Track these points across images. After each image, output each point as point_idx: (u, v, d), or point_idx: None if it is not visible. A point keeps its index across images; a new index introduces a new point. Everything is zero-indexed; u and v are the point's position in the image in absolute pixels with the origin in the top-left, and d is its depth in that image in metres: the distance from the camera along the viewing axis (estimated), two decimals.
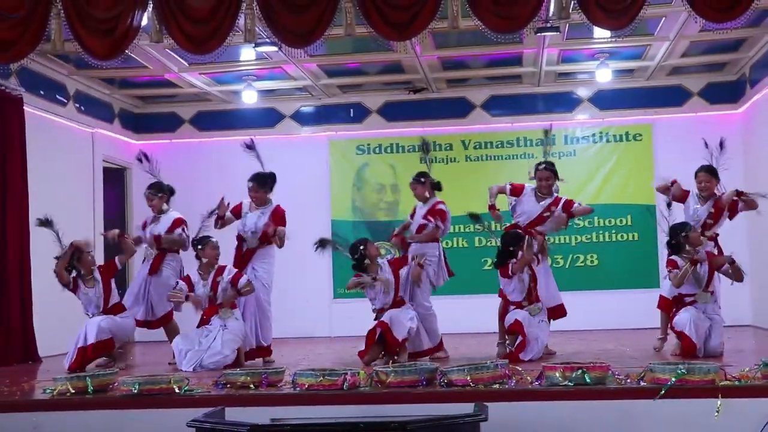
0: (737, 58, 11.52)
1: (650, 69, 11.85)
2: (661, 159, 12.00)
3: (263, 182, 8.95)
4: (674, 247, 8.19)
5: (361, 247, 8.41)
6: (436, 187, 8.92)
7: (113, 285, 8.73)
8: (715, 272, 8.09)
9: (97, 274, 8.64)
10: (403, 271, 8.52)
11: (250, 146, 9.07)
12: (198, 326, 8.40)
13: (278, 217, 8.93)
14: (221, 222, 8.88)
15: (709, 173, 8.56)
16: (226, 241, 8.93)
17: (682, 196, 8.66)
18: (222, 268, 8.45)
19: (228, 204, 8.88)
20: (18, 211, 9.66)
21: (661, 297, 8.62)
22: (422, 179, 8.89)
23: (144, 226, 9.35)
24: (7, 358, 9.29)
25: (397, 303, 8.30)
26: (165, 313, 9.19)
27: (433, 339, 8.62)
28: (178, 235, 9.09)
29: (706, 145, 8.80)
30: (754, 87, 11.45)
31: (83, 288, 8.59)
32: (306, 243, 12.44)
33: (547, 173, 8.74)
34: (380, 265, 8.38)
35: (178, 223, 9.19)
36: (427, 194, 8.86)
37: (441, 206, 8.81)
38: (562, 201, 8.75)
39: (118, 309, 8.68)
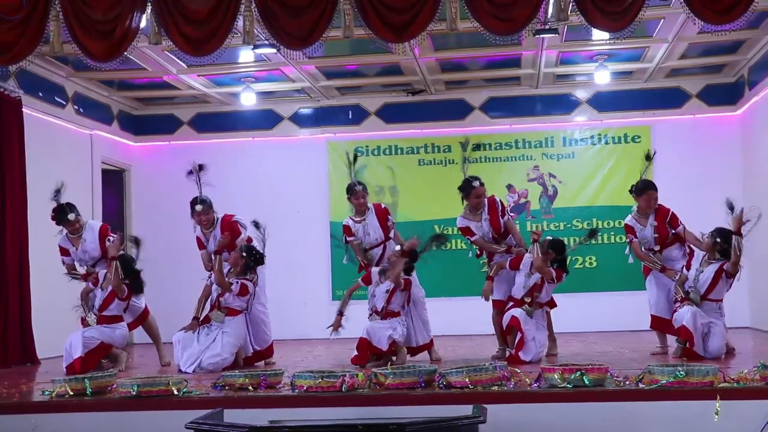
0: (736, 60, 11.53)
1: (649, 71, 11.86)
2: (660, 161, 11.99)
3: (210, 204, 8.86)
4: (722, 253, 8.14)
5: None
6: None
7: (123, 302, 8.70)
8: (722, 282, 8.06)
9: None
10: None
11: (192, 171, 8.90)
12: (202, 324, 8.41)
13: (228, 225, 8.84)
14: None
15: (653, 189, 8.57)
16: None
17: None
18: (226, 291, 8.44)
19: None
20: (17, 212, 9.67)
21: (653, 317, 8.64)
22: None
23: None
24: (5, 360, 9.30)
25: (387, 314, 8.27)
26: (140, 312, 9.17)
27: (427, 332, 8.66)
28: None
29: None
30: (753, 89, 11.45)
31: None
32: (304, 244, 12.55)
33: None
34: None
35: None
36: None
37: None
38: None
39: (112, 320, 8.63)
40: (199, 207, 8.77)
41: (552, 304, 8.56)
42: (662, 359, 8.00)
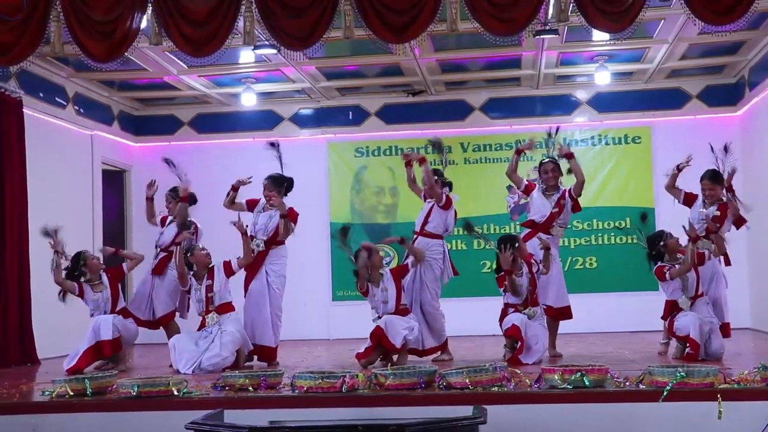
0: (736, 61, 11.53)
1: (649, 71, 11.86)
2: (660, 161, 11.99)
3: (279, 183, 8.90)
4: (655, 257, 8.23)
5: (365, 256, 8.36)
6: (447, 185, 8.89)
7: (119, 290, 8.73)
8: (713, 278, 8.08)
9: (105, 279, 8.64)
10: (407, 278, 8.50)
11: (274, 145, 9.01)
12: (198, 329, 8.39)
13: (291, 216, 8.90)
14: (232, 195, 8.88)
15: (712, 180, 8.56)
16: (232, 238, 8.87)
17: (689, 200, 8.66)
18: (212, 271, 8.44)
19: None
20: (17, 213, 9.67)
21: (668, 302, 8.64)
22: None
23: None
24: (5, 360, 9.29)
25: (401, 311, 8.26)
26: (165, 313, 9.22)
27: (436, 338, 8.62)
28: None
29: (712, 149, 8.79)
30: (753, 90, 11.46)
31: (91, 293, 8.58)
32: (305, 245, 12.51)
33: (551, 165, 8.69)
34: (383, 274, 8.34)
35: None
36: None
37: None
38: (567, 192, 8.70)
39: (125, 314, 8.69)
40: (265, 182, 8.89)
41: (564, 314, 8.54)
42: (664, 360, 7.99)
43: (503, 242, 8.22)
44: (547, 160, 8.82)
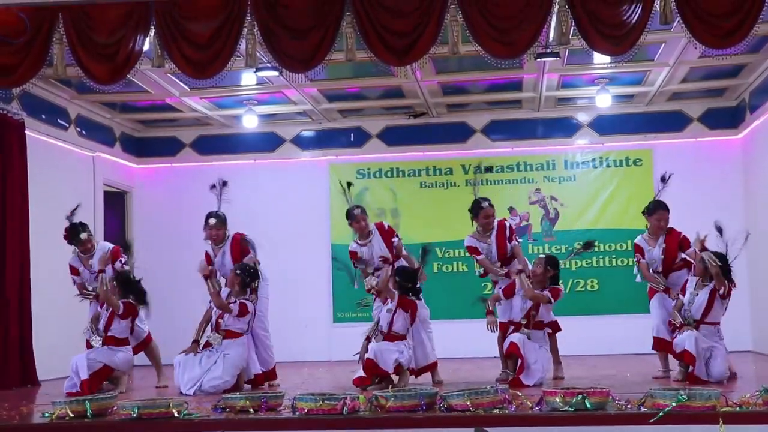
0: (737, 84, 11.56)
1: (650, 94, 11.89)
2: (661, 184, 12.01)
3: (225, 220, 8.94)
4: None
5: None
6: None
7: (126, 322, 8.68)
8: (717, 304, 8.05)
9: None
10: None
11: (215, 186, 9.01)
12: (203, 347, 8.40)
13: (237, 244, 8.89)
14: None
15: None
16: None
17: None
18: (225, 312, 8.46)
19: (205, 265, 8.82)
20: (18, 234, 9.67)
21: (655, 339, 8.64)
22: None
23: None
24: (5, 382, 9.27)
25: (392, 336, 8.25)
26: (143, 337, 9.17)
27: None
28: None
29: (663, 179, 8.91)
30: (754, 113, 11.48)
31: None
32: (306, 266, 12.54)
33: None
34: (394, 292, 8.37)
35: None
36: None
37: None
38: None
39: (118, 342, 8.64)
40: (212, 221, 8.85)
41: (556, 327, 8.54)
42: (664, 383, 7.97)
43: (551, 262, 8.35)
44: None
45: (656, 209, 8.68)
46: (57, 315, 10.09)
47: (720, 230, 8.13)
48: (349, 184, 9.28)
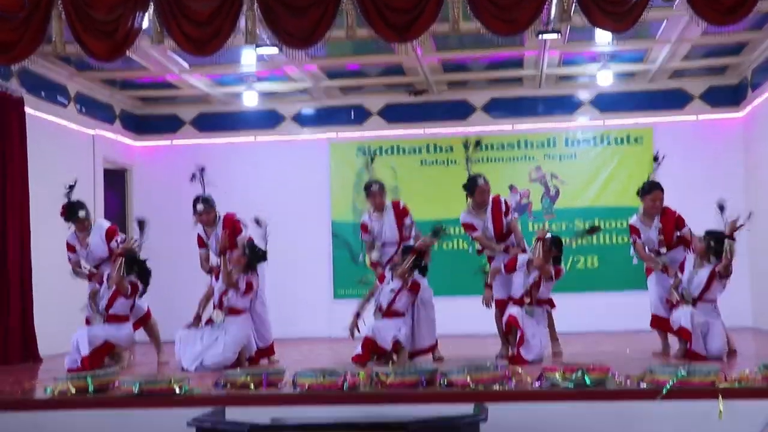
0: (739, 62, 11.53)
1: (651, 72, 11.86)
2: (662, 162, 12.00)
3: (212, 202, 8.96)
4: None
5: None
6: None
7: (129, 300, 8.70)
8: (716, 283, 8.06)
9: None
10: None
11: (194, 176, 8.98)
12: (205, 324, 8.43)
13: (229, 223, 8.92)
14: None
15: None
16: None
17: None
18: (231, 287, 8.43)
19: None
20: (18, 212, 9.68)
21: (653, 316, 8.67)
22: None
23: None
24: (7, 358, 9.31)
25: (391, 313, 8.28)
26: (142, 314, 9.20)
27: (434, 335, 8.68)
28: None
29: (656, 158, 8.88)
30: (756, 90, 11.45)
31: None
32: (306, 243, 12.55)
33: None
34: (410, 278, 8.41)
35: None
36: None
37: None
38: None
39: (119, 319, 8.66)
40: (200, 206, 8.90)
41: (551, 303, 8.55)
42: (664, 359, 8.00)
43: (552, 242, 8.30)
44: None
45: (651, 189, 8.61)
46: (58, 291, 10.10)
47: (722, 208, 8.12)
48: (373, 158, 9.37)
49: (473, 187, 8.63)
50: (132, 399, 5.97)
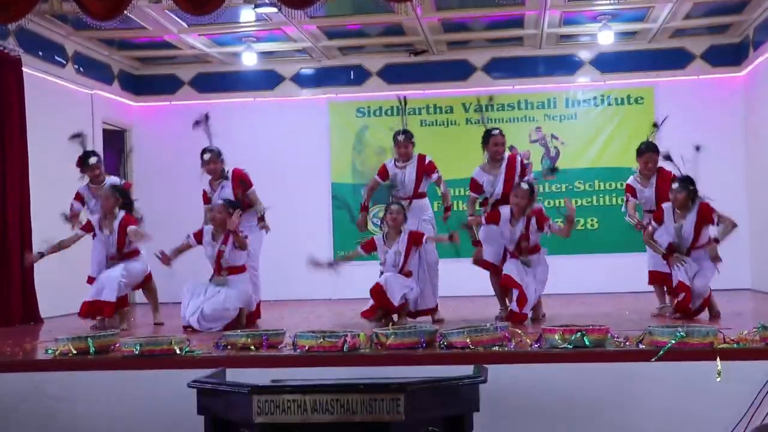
0: (740, 20, 11.44)
1: (652, 31, 11.77)
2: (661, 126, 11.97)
3: (219, 153, 8.89)
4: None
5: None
6: None
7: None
8: (704, 231, 8.02)
9: (116, 224, 8.58)
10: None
11: (199, 122, 8.92)
12: (210, 279, 8.44)
13: (237, 178, 8.87)
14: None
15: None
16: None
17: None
18: (228, 235, 8.40)
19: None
20: (18, 172, 9.66)
21: (650, 273, 8.70)
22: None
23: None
24: (9, 319, 9.34)
25: (405, 274, 8.30)
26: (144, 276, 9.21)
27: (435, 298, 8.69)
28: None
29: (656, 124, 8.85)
30: (758, 49, 11.38)
31: (100, 234, 8.60)
32: (306, 205, 12.55)
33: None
34: (401, 232, 8.35)
35: None
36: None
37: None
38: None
39: (132, 254, 8.69)
40: (207, 155, 8.82)
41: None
42: (663, 321, 8.03)
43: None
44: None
45: (645, 151, 8.65)
46: (59, 253, 10.11)
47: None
48: (405, 101, 9.21)
49: (487, 137, 8.46)
50: (133, 360, 5.98)
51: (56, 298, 9.92)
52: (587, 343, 5.69)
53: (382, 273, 8.33)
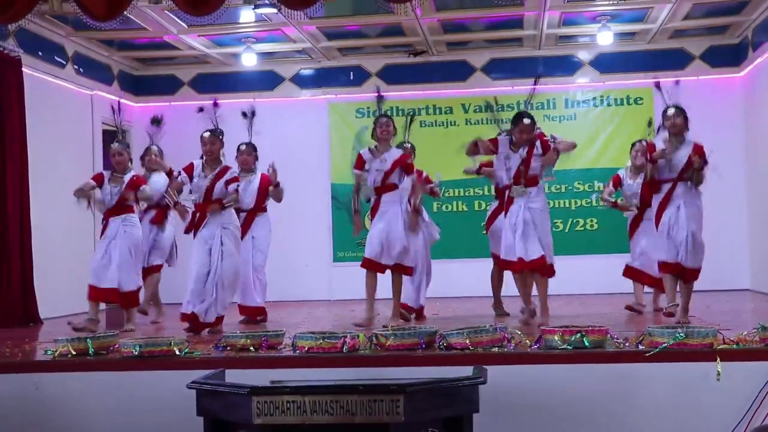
0: (739, 21, 11.44)
1: (652, 32, 11.77)
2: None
3: (255, 148, 9.06)
4: None
5: None
6: None
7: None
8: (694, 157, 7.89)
9: (126, 178, 8.58)
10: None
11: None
12: (192, 229, 8.14)
13: (266, 183, 8.99)
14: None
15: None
16: None
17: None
18: (225, 170, 8.20)
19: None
20: (18, 172, 9.65)
21: (627, 267, 9.03)
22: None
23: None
24: (8, 320, 9.33)
25: (390, 187, 8.25)
26: (156, 264, 9.22)
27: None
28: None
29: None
30: (757, 50, 11.38)
31: (108, 187, 8.54)
32: (306, 206, 12.55)
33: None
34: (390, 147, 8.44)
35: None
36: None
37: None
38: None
39: (128, 209, 8.59)
40: (243, 146, 9.21)
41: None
42: (662, 321, 8.02)
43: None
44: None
45: (634, 146, 9.23)
46: (58, 253, 10.12)
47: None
48: (412, 116, 9.46)
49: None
50: (132, 361, 5.99)
51: (55, 299, 9.92)
52: (587, 343, 5.70)
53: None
